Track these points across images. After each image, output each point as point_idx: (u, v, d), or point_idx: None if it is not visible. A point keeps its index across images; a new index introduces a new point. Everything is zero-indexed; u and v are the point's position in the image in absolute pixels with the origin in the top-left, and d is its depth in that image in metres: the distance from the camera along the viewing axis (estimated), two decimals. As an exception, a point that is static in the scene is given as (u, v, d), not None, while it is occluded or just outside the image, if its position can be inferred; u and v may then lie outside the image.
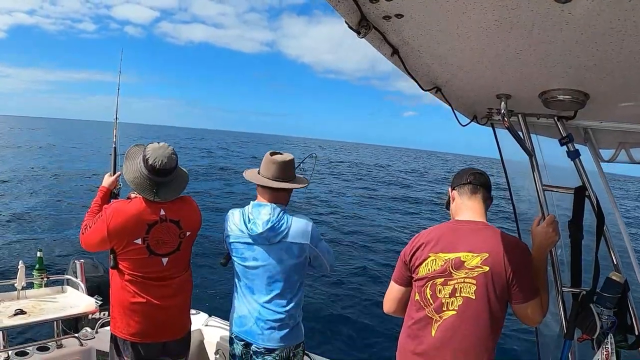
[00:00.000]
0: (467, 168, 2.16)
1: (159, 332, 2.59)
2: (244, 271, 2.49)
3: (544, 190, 2.18)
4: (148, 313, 2.54)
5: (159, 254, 2.50)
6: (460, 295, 1.86)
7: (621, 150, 2.32)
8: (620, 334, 1.93)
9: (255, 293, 2.48)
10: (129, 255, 2.46)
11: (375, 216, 17.33)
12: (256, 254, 2.43)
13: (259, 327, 2.44)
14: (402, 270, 2.06)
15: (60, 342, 3.04)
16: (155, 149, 2.44)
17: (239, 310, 2.54)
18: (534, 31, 1.04)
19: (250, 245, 2.43)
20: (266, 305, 2.44)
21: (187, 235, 2.58)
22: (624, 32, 0.97)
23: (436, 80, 1.71)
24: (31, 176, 21.31)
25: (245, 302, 2.51)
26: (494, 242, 1.87)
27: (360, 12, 1.05)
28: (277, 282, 2.43)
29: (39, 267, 3.23)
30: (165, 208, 2.50)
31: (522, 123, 2.16)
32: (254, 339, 2.45)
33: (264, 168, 2.47)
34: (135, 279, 2.50)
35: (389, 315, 2.16)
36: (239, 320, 2.53)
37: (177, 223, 2.53)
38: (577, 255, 2.06)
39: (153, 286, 2.53)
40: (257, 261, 2.43)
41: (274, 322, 2.43)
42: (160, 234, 2.48)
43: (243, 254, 2.47)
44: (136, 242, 2.43)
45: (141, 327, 2.54)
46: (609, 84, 1.41)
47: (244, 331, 2.49)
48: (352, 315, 7.67)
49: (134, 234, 2.42)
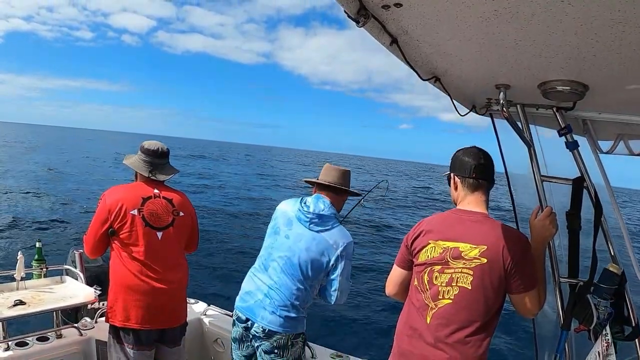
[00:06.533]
0: (470, 152, 2.04)
1: (157, 318, 2.64)
2: (269, 247, 2.58)
3: (543, 181, 2.18)
4: (146, 296, 2.60)
5: (153, 227, 2.65)
6: (456, 284, 1.87)
7: (620, 141, 2.32)
8: (617, 325, 1.94)
9: (268, 271, 2.53)
10: (127, 227, 2.59)
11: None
12: (290, 232, 2.53)
13: (263, 306, 2.46)
14: (405, 254, 2.10)
15: (60, 332, 3.05)
16: (149, 141, 2.88)
17: (248, 286, 2.59)
18: (533, 21, 1.04)
19: (290, 222, 2.56)
20: (275, 286, 2.47)
21: (180, 215, 2.75)
22: (623, 23, 0.96)
23: (435, 69, 1.71)
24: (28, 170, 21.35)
25: (256, 278, 2.56)
26: (494, 234, 1.88)
27: (359, 1, 1.05)
28: (294, 267, 2.47)
29: (38, 257, 3.23)
30: (158, 188, 2.77)
31: (520, 113, 2.15)
32: (255, 316, 2.47)
33: (325, 174, 2.65)
34: (133, 256, 2.60)
35: (390, 297, 2.20)
36: (245, 295, 2.57)
37: (170, 201, 2.76)
38: (574, 247, 2.06)
39: (151, 264, 2.62)
40: (288, 239, 2.52)
41: (279, 304, 2.44)
42: (154, 206, 2.68)
43: (279, 228, 2.58)
44: (132, 213, 2.61)
45: (139, 312, 2.59)
46: (608, 75, 1.41)
47: (247, 307, 2.52)
48: (355, 306, 7.72)
49: (130, 205, 2.62)
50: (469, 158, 2.02)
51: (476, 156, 2.02)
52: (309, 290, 2.51)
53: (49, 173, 23.93)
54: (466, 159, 2.02)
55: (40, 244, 3.32)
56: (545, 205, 2.14)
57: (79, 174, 25.01)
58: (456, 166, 2.06)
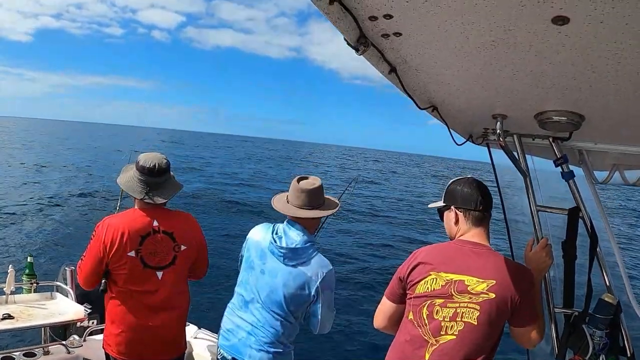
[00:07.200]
0: (471, 184, 1.97)
1: (152, 351, 2.52)
2: (245, 283, 2.43)
3: (538, 211, 2.18)
4: (140, 331, 2.47)
5: (152, 267, 2.44)
6: (462, 320, 1.77)
7: (615, 171, 2.34)
8: (612, 355, 1.93)
9: (249, 308, 2.40)
10: (123, 269, 2.40)
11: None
12: (265, 267, 2.37)
13: (248, 344, 2.35)
14: (396, 287, 1.99)
15: (47, 349, 3.00)
16: (146, 154, 2.53)
17: (229, 324, 2.47)
18: (530, 52, 1.05)
19: (264, 254, 2.39)
20: (259, 324, 2.35)
21: (182, 250, 2.51)
22: (619, 54, 0.98)
23: (433, 99, 1.72)
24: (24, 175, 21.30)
25: (237, 317, 2.44)
26: (501, 268, 1.80)
27: (359, 30, 1.06)
28: (275, 304, 2.34)
29: (28, 272, 3.20)
30: (158, 219, 2.48)
31: (517, 143, 2.15)
32: (242, 355, 2.35)
33: (293, 196, 2.42)
34: (129, 295, 2.44)
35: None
36: (227, 334, 2.45)
37: (171, 235, 2.49)
38: (570, 276, 2.05)
39: (148, 304, 2.46)
40: (264, 274, 2.36)
41: (266, 341, 2.33)
42: (154, 245, 2.43)
43: (254, 261, 2.41)
44: (130, 255, 2.38)
45: (133, 347, 2.47)
46: (604, 105, 1.43)
47: (231, 345, 2.41)
48: (347, 326, 7.61)
49: (128, 245, 2.37)
50: (472, 190, 1.94)
51: (480, 188, 1.95)
52: (294, 323, 2.40)
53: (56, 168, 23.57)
54: (470, 191, 1.94)
55: (31, 259, 3.29)
56: (540, 236, 2.13)
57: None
58: (457, 199, 1.97)
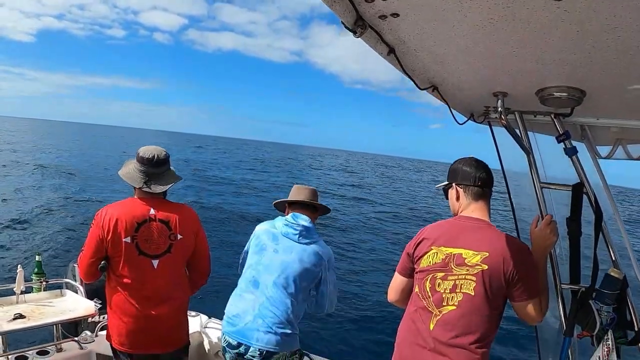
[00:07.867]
0: (471, 163, 2.09)
1: (151, 344, 2.54)
2: (256, 264, 2.53)
3: (542, 188, 2.18)
4: (139, 321, 2.49)
5: (148, 255, 2.48)
6: (460, 291, 1.89)
7: (618, 146, 2.33)
8: (619, 330, 1.94)
9: (259, 287, 2.46)
10: (119, 255, 2.44)
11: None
12: (279, 247, 2.54)
13: (255, 327, 2.38)
14: (406, 261, 2.11)
15: (60, 346, 3.03)
16: (146, 147, 2.62)
17: (235, 308, 2.50)
18: (529, 28, 1.05)
19: (276, 237, 2.58)
20: (269, 302, 2.41)
21: (178, 239, 2.55)
22: (619, 28, 0.97)
23: (432, 78, 1.71)
24: (29, 176, 21.36)
25: (244, 298, 2.49)
26: (495, 241, 1.90)
27: (356, 12, 1.05)
28: (287, 280, 2.45)
29: (37, 271, 3.22)
30: (155, 208, 2.54)
31: (519, 121, 2.15)
32: (249, 340, 2.38)
33: (296, 194, 2.74)
34: (126, 283, 2.48)
35: (391, 304, 2.23)
36: (233, 319, 2.48)
37: (167, 223, 2.54)
38: (575, 253, 2.06)
39: (145, 293, 2.49)
40: (277, 253, 2.51)
41: (274, 321, 2.38)
42: (149, 232, 2.49)
43: (266, 244, 2.57)
44: (125, 241, 2.44)
45: (132, 337, 2.50)
46: (605, 80, 1.42)
47: (236, 331, 2.43)
48: (349, 312, 7.67)
49: (124, 231, 2.44)
50: (471, 168, 2.07)
51: (479, 165, 2.08)
52: (301, 303, 2.51)
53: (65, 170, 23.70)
54: (469, 169, 2.07)
55: (40, 257, 3.31)
56: (545, 213, 2.14)
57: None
58: (458, 176, 2.10)
